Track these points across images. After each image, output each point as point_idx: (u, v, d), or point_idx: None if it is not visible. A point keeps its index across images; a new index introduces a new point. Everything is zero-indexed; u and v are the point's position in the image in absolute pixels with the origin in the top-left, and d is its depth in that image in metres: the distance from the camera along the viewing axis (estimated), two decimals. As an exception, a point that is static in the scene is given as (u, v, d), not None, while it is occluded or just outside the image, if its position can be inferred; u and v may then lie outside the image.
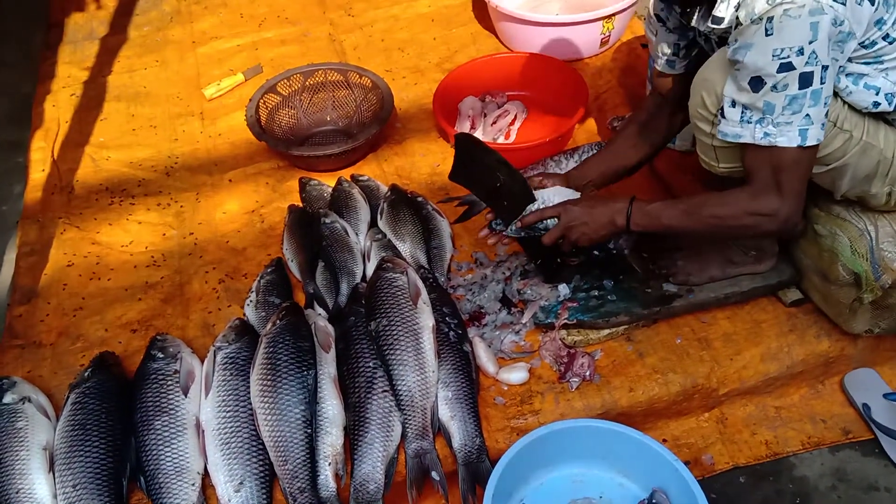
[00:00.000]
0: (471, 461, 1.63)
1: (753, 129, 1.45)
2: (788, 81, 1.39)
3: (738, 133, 1.47)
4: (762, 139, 1.45)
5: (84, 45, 3.03)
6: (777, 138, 1.44)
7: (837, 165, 1.57)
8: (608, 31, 2.65)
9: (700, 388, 1.77)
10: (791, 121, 1.42)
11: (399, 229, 2.09)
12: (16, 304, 2.09)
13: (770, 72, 1.39)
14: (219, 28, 3.06)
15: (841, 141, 1.54)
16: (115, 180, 2.44)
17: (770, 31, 1.37)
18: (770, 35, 1.37)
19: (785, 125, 1.42)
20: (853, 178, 1.60)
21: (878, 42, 1.46)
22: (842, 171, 1.59)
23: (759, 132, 1.44)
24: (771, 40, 1.37)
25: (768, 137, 1.44)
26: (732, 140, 1.49)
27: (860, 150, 1.56)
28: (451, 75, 2.55)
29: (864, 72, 1.50)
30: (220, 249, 2.20)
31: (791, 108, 1.41)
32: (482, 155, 1.85)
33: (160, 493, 1.60)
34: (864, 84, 1.50)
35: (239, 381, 1.71)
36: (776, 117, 1.42)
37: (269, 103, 2.50)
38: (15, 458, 1.64)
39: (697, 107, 1.58)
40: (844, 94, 1.51)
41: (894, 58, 1.48)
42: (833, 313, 1.81)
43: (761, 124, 1.44)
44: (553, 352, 1.81)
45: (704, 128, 1.59)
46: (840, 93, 1.52)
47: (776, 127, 1.43)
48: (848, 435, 1.78)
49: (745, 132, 1.46)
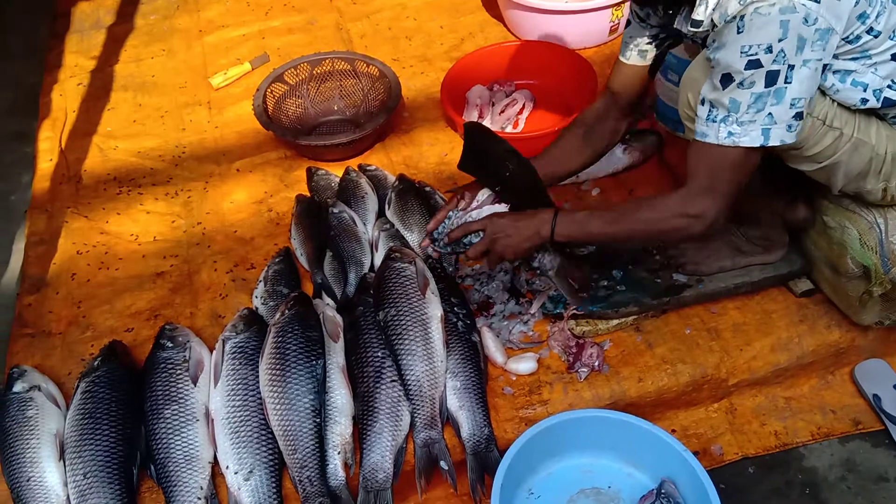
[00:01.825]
0: (479, 451, 1.63)
1: (717, 129, 1.43)
2: (755, 79, 1.37)
3: (704, 132, 1.46)
4: (726, 139, 1.43)
5: (91, 35, 3.02)
6: (741, 139, 1.42)
7: (829, 163, 1.55)
8: (617, 18, 2.63)
9: (709, 378, 1.76)
10: (755, 119, 1.40)
11: (407, 219, 2.08)
12: (25, 293, 2.10)
13: (738, 68, 1.37)
14: (225, 17, 3.05)
15: (831, 139, 1.51)
16: (122, 170, 2.44)
17: (741, 29, 1.36)
18: (741, 32, 1.36)
19: (749, 124, 1.40)
20: (846, 175, 1.58)
21: (862, 36, 1.43)
22: (834, 168, 1.56)
23: (724, 132, 1.43)
24: (741, 37, 1.36)
25: (732, 137, 1.42)
26: (700, 139, 1.47)
27: (851, 147, 1.53)
28: (458, 64, 2.54)
29: (851, 68, 1.47)
30: (228, 239, 2.20)
31: (755, 106, 1.39)
32: (491, 144, 1.84)
33: (170, 482, 1.61)
34: (852, 81, 1.48)
35: (248, 371, 1.71)
36: (740, 116, 1.40)
37: (276, 92, 2.49)
38: (26, 446, 1.65)
39: (684, 106, 1.59)
40: (831, 92, 1.49)
41: (882, 51, 1.45)
42: (843, 305, 1.81)
43: (725, 123, 1.42)
44: (562, 342, 1.80)
45: (692, 126, 1.58)
46: (827, 91, 1.49)
47: (740, 126, 1.41)
48: (858, 426, 1.77)
49: (709, 131, 1.45)
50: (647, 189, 2.16)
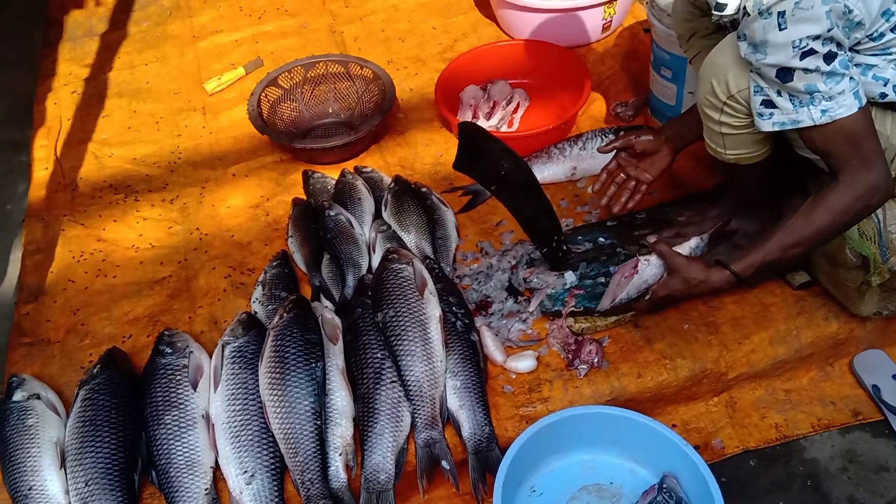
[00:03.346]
0: (480, 450, 1.63)
1: (809, 112, 1.43)
2: (817, 62, 1.38)
3: (796, 119, 1.45)
4: (822, 118, 1.43)
5: (84, 42, 3.02)
6: (837, 111, 1.42)
7: None
8: (610, 16, 2.63)
9: (709, 372, 1.77)
10: (842, 89, 1.41)
11: (404, 220, 2.08)
12: (23, 302, 2.09)
13: (795, 63, 1.38)
14: (218, 22, 3.05)
15: None
16: (118, 177, 2.44)
17: (784, 26, 1.36)
18: (784, 29, 1.36)
19: (839, 96, 1.41)
20: None
21: (885, 34, 1.44)
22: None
23: (816, 112, 1.43)
24: (787, 34, 1.36)
25: (828, 113, 1.42)
26: (791, 127, 1.47)
27: None
28: (452, 64, 2.54)
29: (873, 62, 1.48)
30: (225, 244, 2.20)
31: (833, 79, 1.40)
32: (486, 143, 1.85)
33: (172, 487, 1.61)
34: (873, 75, 1.49)
35: (248, 375, 1.71)
36: (827, 92, 1.41)
37: (270, 97, 2.50)
38: (26, 454, 1.65)
39: (706, 94, 1.57)
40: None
41: None
42: (841, 296, 1.81)
43: (814, 104, 1.42)
44: (560, 339, 1.80)
45: (713, 115, 1.57)
46: None
47: (830, 100, 1.41)
48: (858, 416, 1.78)
49: (802, 116, 1.44)
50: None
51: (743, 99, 1.52)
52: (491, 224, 2.14)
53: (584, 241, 1.99)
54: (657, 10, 2.19)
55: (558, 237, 1.87)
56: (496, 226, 2.13)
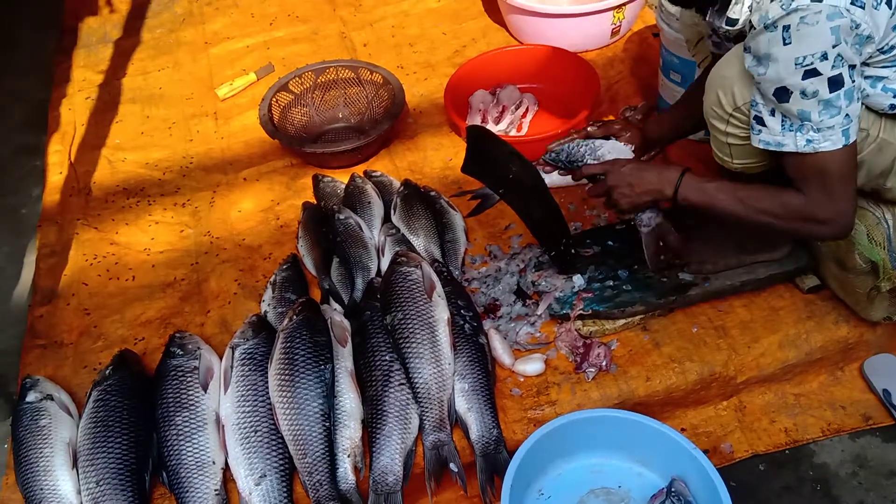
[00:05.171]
0: (488, 452, 1.63)
1: (795, 138, 1.43)
2: (817, 87, 1.37)
3: (780, 142, 1.45)
4: (805, 146, 1.43)
5: (98, 49, 3.06)
6: (821, 144, 1.41)
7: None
8: (619, 20, 2.64)
9: (718, 376, 1.76)
10: (832, 125, 1.40)
11: (413, 224, 2.09)
12: (37, 304, 2.12)
13: (794, 81, 1.37)
14: (230, 28, 3.08)
15: (858, 138, 1.51)
16: (131, 181, 2.47)
17: (788, 41, 1.35)
18: (788, 44, 1.35)
19: (827, 130, 1.40)
20: (869, 173, 1.60)
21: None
22: (858, 166, 1.56)
23: (801, 140, 1.42)
24: (791, 49, 1.35)
25: (811, 144, 1.42)
26: (775, 149, 1.47)
27: (876, 147, 1.55)
28: (461, 69, 2.56)
29: (883, 75, 1.48)
30: (236, 247, 2.21)
31: (828, 111, 1.39)
32: (494, 147, 1.85)
33: (182, 487, 1.62)
34: (883, 87, 1.49)
35: (257, 377, 1.73)
36: (816, 123, 1.40)
37: (281, 102, 2.52)
38: (39, 455, 1.67)
39: (713, 105, 1.57)
40: (861, 95, 1.49)
41: None
42: (851, 301, 1.80)
43: (801, 131, 1.42)
44: (569, 342, 1.81)
45: (719, 126, 1.57)
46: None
47: (818, 132, 1.41)
48: (868, 421, 1.77)
49: (787, 140, 1.44)
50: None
51: (748, 111, 1.53)
52: (499, 227, 2.15)
53: (592, 244, 2.00)
54: (666, 14, 2.20)
55: (567, 240, 1.88)
56: (505, 229, 2.14)
